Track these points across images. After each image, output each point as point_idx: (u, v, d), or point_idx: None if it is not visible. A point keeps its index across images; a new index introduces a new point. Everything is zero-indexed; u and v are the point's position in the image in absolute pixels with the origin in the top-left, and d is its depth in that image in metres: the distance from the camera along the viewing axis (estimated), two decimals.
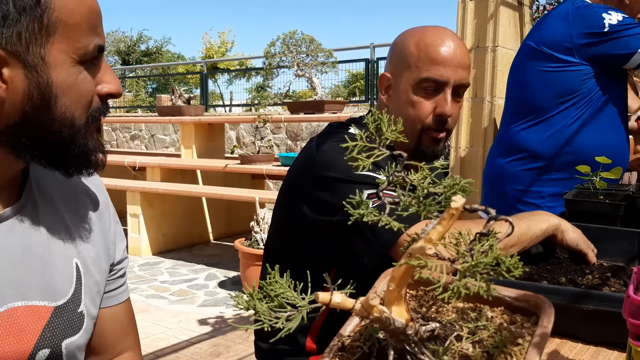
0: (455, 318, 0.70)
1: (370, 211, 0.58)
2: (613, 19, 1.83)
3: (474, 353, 0.61)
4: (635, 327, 0.68)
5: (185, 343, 3.28)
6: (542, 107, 1.98)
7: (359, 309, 0.51)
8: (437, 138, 1.32)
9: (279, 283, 0.50)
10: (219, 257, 5.29)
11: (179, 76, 16.39)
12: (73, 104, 0.78)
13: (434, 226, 0.53)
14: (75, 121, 0.79)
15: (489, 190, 2.20)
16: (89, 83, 0.80)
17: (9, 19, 0.71)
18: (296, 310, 0.49)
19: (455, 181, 0.56)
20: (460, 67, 1.28)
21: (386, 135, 0.60)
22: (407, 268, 0.53)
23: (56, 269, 0.88)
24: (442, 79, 1.27)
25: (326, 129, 1.39)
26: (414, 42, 1.31)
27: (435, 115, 1.29)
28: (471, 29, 2.94)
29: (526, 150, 2.02)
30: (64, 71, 0.76)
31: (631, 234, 1.21)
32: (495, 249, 0.53)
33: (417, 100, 1.29)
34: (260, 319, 0.48)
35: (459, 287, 0.50)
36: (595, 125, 1.93)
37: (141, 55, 24.04)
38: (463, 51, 1.30)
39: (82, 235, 0.94)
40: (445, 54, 1.27)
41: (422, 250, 0.52)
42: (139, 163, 5.65)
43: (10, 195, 0.85)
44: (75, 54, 0.77)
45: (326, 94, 5.56)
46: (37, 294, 0.84)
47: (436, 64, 1.27)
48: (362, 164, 0.61)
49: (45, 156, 0.80)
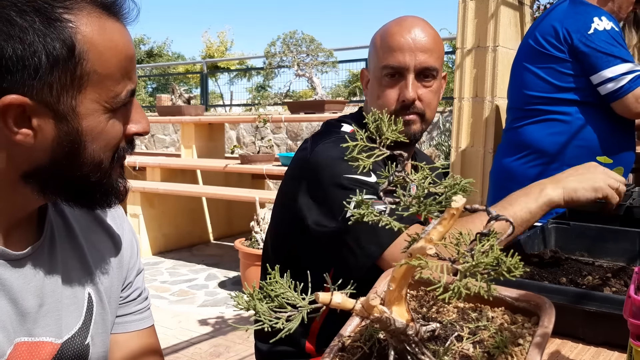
0: (456, 318, 0.70)
1: (371, 211, 0.58)
2: (600, 26, 1.85)
3: (474, 353, 0.61)
4: (636, 327, 0.67)
5: (186, 343, 3.28)
6: (543, 103, 1.99)
7: (360, 309, 0.51)
8: (405, 120, 1.30)
9: (279, 283, 0.49)
10: (219, 257, 5.29)
11: (179, 76, 16.39)
12: (102, 148, 0.78)
13: (434, 226, 0.53)
14: (102, 164, 0.78)
15: (497, 190, 2.20)
16: (118, 127, 0.79)
17: (40, 70, 0.69)
18: (296, 311, 0.48)
19: (456, 181, 0.56)
20: (419, 50, 1.28)
21: (387, 135, 0.60)
22: (408, 268, 0.53)
23: (67, 302, 0.87)
24: (400, 65, 1.28)
25: (321, 129, 1.40)
26: (379, 34, 1.34)
27: (398, 101, 1.30)
28: (472, 29, 2.94)
29: (531, 147, 2.02)
30: (95, 120, 0.75)
31: (632, 234, 1.20)
32: (496, 249, 0.53)
33: (382, 89, 1.31)
34: (260, 319, 0.48)
35: (459, 288, 0.50)
36: (599, 117, 1.93)
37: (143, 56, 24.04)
38: (424, 35, 1.29)
39: (98, 265, 0.94)
40: (402, 40, 1.28)
41: (422, 250, 0.52)
42: (139, 163, 5.64)
43: (29, 229, 0.85)
44: (107, 103, 0.75)
45: (327, 93, 5.55)
46: (45, 330, 0.84)
47: (393, 51, 1.28)
48: (362, 164, 0.61)
49: (71, 197, 0.81)
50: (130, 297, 1.03)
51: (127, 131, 0.81)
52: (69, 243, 0.90)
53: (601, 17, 1.88)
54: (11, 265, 0.80)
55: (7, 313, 0.79)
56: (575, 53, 1.90)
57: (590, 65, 1.88)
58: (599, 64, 1.86)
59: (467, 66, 2.96)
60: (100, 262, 0.95)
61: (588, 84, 1.90)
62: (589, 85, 1.90)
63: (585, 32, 1.87)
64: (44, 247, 0.85)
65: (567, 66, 1.92)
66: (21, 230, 0.83)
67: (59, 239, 0.88)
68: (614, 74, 1.84)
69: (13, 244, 0.81)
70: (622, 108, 1.86)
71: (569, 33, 1.90)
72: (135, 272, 1.04)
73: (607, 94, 1.86)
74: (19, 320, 0.80)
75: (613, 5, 2.03)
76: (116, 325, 1.00)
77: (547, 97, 1.98)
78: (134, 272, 1.03)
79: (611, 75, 1.84)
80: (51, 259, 0.86)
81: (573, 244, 1.27)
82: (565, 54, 1.92)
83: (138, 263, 1.05)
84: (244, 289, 0.53)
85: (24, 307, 0.81)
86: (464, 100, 2.98)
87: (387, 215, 0.58)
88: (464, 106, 2.98)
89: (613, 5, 2.03)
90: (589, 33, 1.87)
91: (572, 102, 1.94)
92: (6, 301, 0.79)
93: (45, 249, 0.85)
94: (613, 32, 1.87)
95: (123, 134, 0.80)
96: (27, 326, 0.82)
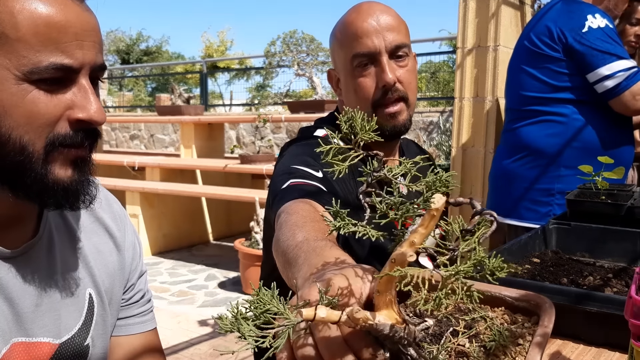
0: (452, 310, 0.69)
1: (347, 222, 0.56)
2: (594, 24, 1.85)
3: (470, 348, 0.61)
4: (637, 327, 0.67)
5: (185, 344, 3.27)
6: (540, 103, 1.98)
7: (345, 320, 0.49)
8: (392, 112, 1.24)
9: (265, 299, 0.48)
10: (219, 258, 5.28)
11: (178, 75, 16.38)
12: (21, 126, 0.71)
13: (415, 228, 0.52)
14: (27, 146, 0.72)
15: (497, 191, 2.19)
16: (43, 105, 0.72)
17: None
18: (283, 326, 0.47)
19: (437, 177, 0.55)
20: (386, 30, 1.22)
21: (361, 136, 0.59)
22: (390, 276, 0.52)
23: (66, 302, 0.86)
24: (371, 50, 1.21)
25: (297, 135, 1.38)
26: (338, 28, 1.29)
27: (378, 88, 1.22)
28: (472, 29, 2.94)
29: (529, 148, 2.01)
30: (5, 89, 0.69)
31: (633, 235, 1.20)
32: (479, 252, 0.52)
33: (358, 81, 1.24)
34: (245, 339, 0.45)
35: (440, 298, 0.49)
36: (595, 116, 1.93)
37: (141, 55, 24.04)
38: (386, 14, 1.23)
39: (99, 266, 0.93)
40: (365, 24, 1.22)
41: (403, 256, 0.51)
42: (138, 163, 5.64)
43: (23, 228, 0.83)
44: (19, 71, 0.69)
45: (327, 93, 5.55)
46: (42, 330, 0.83)
47: (359, 38, 1.22)
48: (338, 168, 0.59)
49: (9, 185, 0.75)
50: (133, 299, 1.02)
51: (69, 116, 0.74)
52: (69, 243, 0.89)
53: (595, 15, 1.88)
54: (5, 263, 0.79)
55: (3, 312, 0.78)
56: (570, 52, 1.89)
57: (586, 64, 1.87)
58: (594, 62, 1.85)
59: (467, 66, 2.96)
60: (102, 263, 0.93)
61: (584, 83, 1.90)
62: (585, 84, 1.90)
63: (580, 31, 1.87)
64: (41, 246, 0.84)
65: (562, 65, 1.92)
66: (15, 229, 0.82)
67: (58, 239, 0.87)
68: (610, 72, 1.83)
69: (6, 242, 0.80)
70: (619, 105, 1.86)
71: (563, 32, 1.90)
72: (138, 274, 1.03)
73: (604, 92, 1.86)
74: (15, 320, 0.80)
75: (608, 3, 2.03)
76: (118, 328, 0.99)
77: (543, 98, 1.97)
78: (136, 274, 1.02)
79: (607, 73, 1.84)
80: (49, 258, 0.85)
81: (574, 245, 1.26)
82: (560, 53, 1.91)
83: (140, 265, 1.04)
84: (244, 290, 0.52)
85: (20, 306, 0.80)
86: (464, 100, 2.98)
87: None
88: (465, 106, 2.97)
89: (608, 3, 2.03)
90: (583, 31, 1.86)
91: (568, 102, 1.94)
92: (1, 300, 0.78)
93: (42, 248, 0.84)
94: (607, 29, 1.87)
95: (59, 117, 0.73)
96: (24, 326, 0.81)
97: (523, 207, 2.03)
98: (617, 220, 1.32)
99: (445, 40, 13.48)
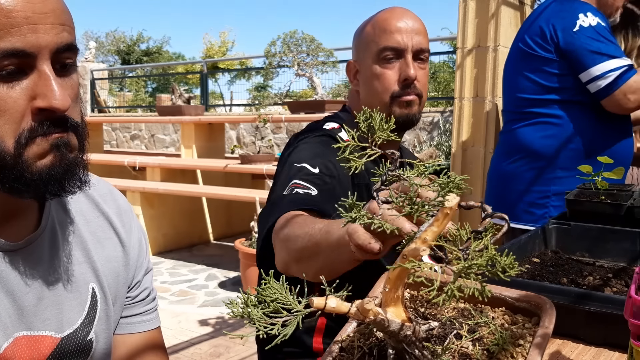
0: (455, 315, 0.69)
1: (363, 214, 0.57)
2: (586, 22, 1.85)
3: (474, 351, 0.61)
4: (636, 327, 0.67)
5: (186, 344, 3.27)
6: (535, 105, 1.98)
7: (355, 312, 0.50)
8: (407, 100, 1.34)
9: (274, 288, 0.49)
10: (219, 258, 5.29)
11: (179, 76, 16.38)
12: None
13: (428, 226, 0.52)
14: None
15: (494, 193, 2.19)
16: (2, 99, 0.67)
17: None
18: (292, 315, 0.48)
19: (450, 179, 0.56)
20: (415, 33, 1.33)
21: (379, 135, 0.59)
22: (402, 270, 0.52)
23: (68, 297, 0.86)
24: (400, 46, 1.32)
25: (305, 128, 1.43)
26: (369, 24, 1.39)
27: (400, 81, 1.33)
28: (472, 29, 2.94)
29: (525, 150, 2.01)
30: None
31: (633, 234, 1.20)
32: (491, 249, 0.52)
33: (381, 71, 1.34)
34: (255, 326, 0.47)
35: (452, 290, 0.50)
36: (590, 116, 1.93)
37: (141, 55, 24.03)
38: (415, 20, 1.36)
39: (103, 261, 0.92)
40: (398, 23, 1.34)
41: (416, 252, 0.51)
42: (139, 163, 5.64)
43: (25, 222, 0.82)
44: None
45: (327, 93, 5.55)
46: (44, 324, 0.82)
47: (392, 33, 1.33)
48: (354, 164, 0.60)
49: None
50: (139, 297, 1.01)
51: (32, 106, 0.69)
52: (72, 237, 0.88)
53: (586, 13, 1.87)
54: (7, 257, 0.79)
55: (5, 306, 0.78)
56: (562, 52, 1.89)
57: (577, 64, 1.87)
58: (585, 62, 1.85)
59: (467, 66, 2.96)
60: (106, 258, 0.93)
61: (577, 83, 1.90)
62: (578, 83, 1.89)
63: (571, 30, 1.86)
64: (43, 239, 0.84)
65: (555, 66, 1.91)
66: (16, 222, 0.81)
67: (61, 233, 0.87)
68: (600, 72, 1.83)
69: (7, 235, 0.79)
70: (612, 105, 1.86)
71: (555, 32, 1.89)
72: (144, 271, 1.02)
73: (597, 92, 1.86)
74: (17, 314, 0.79)
75: None
76: (123, 326, 0.98)
77: (538, 99, 1.97)
78: (142, 271, 1.01)
79: (598, 73, 1.84)
80: (52, 251, 0.84)
81: (574, 244, 1.26)
82: (553, 53, 1.91)
83: (146, 262, 1.03)
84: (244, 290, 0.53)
85: (22, 300, 0.80)
86: (464, 100, 2.98)
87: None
88: (465, 106, 2.98)
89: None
90: (574, 30, 1.86)
91: (563, 103, 1.93)
92: (3, 294, 0.78)
93: (45, 241, 0.84)
94: (599, 27, 1.86)
95: (25, 109, 0.69)
96: (26, 320, 0.80)
97: (520, 209, 2.03)
98: (616, 220, 1.32)
99: (445, 40, 13.47)
